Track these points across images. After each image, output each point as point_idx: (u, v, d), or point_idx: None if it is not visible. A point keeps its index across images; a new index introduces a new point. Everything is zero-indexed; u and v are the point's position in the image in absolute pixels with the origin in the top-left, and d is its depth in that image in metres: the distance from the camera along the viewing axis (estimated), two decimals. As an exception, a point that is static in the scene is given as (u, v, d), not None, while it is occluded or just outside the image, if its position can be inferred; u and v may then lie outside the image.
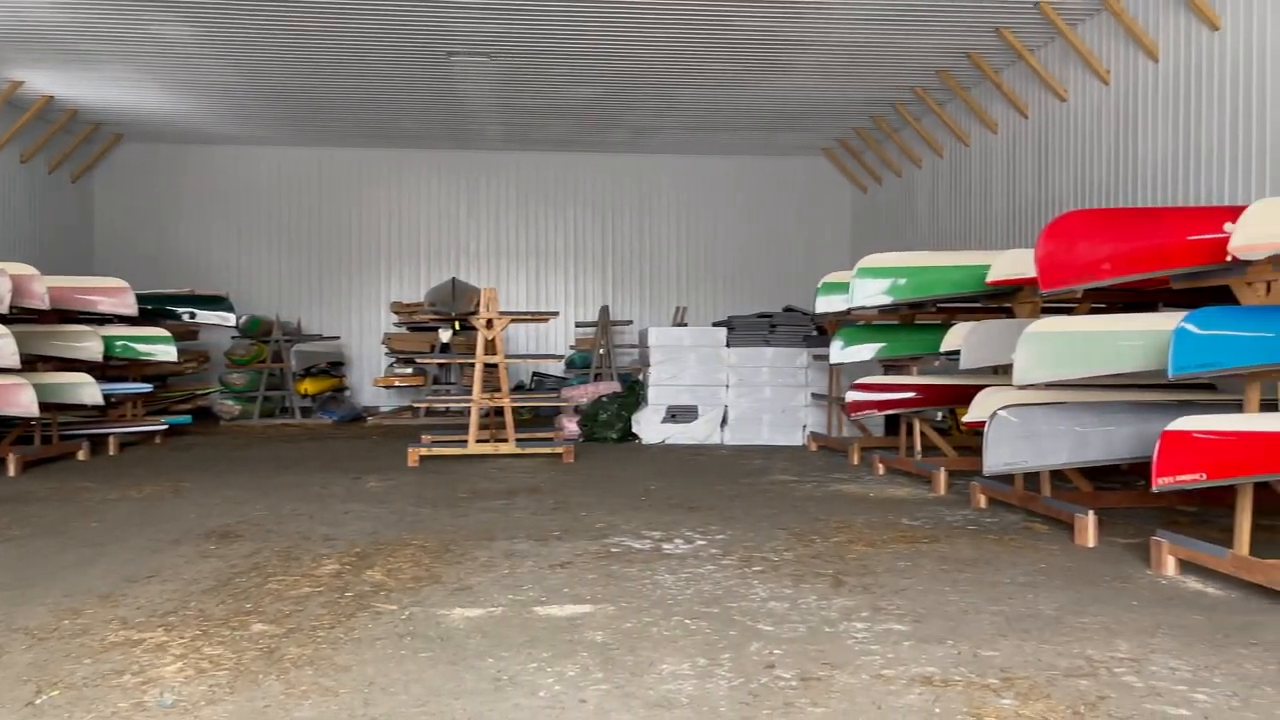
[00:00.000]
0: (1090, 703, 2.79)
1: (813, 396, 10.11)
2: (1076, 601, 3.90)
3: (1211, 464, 3.50)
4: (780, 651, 3.25)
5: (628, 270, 15.28)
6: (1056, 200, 9.86)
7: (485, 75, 11.00)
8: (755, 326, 10.46)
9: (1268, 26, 7.00)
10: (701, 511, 5.99)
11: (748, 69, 10.80)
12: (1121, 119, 8.77)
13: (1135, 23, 8.37)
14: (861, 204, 15.34)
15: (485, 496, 6.54)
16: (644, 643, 3.34)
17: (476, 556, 4.70)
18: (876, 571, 4.41)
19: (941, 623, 3.60)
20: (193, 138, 14.02)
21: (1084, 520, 4.94)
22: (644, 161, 15.16)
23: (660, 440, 10.03)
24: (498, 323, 8.20)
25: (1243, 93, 7.25)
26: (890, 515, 5.87)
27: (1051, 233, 4.21)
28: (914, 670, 3.07)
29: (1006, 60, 10.33)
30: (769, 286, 15.04)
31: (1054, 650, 3.27)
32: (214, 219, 14.62)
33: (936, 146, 12.43)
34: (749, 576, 4.31)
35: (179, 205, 14.55)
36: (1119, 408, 4.68)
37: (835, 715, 2.69)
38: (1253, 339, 3.55)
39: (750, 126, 13.44)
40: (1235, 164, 7.32)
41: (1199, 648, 3.30)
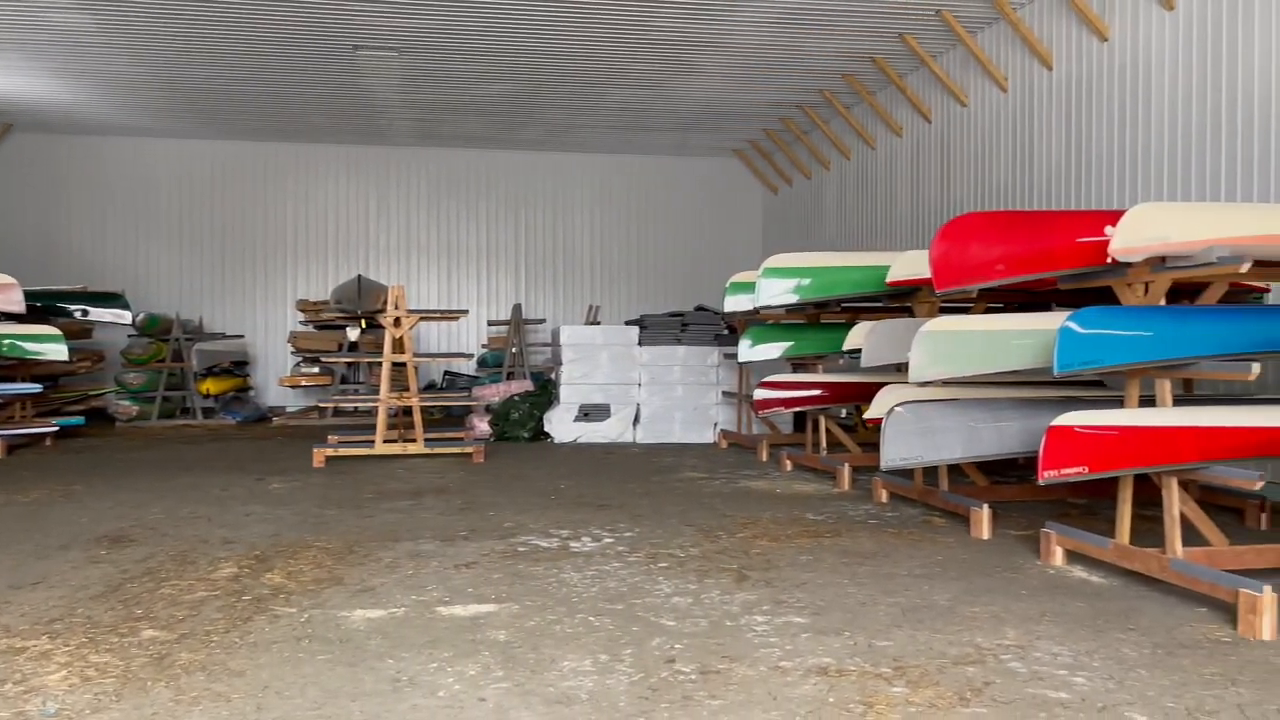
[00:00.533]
0: (976, 689, 2.89)
1: (723, 395, 10.22)
2: (969, 591, 4.03)
3: (1093, 458, 3.65)
4: (681, 646, 3.29)
5: (541, 269, 15.23)
6: (958, 202, 10.15)
7: (393, 70, 10.84)
8: (667, 325, 10.53)
9: (1152, 38, 7.32)
10: (610, 509, 6.01)
11: (661, 70, 10.87)
12: (1019, 125, 9.07)
13: (1031, 32, 8.66)
14: (772, 205, 15.56)
15: (392, 497, 6.46)
16: (546, 640, 3.35)
17: (380, 558, 4.64)
18: (779, 566, 4.49)
19: (840, 614, 3.68)
20: (88, 128, 13.51)
21: (979, 513, 5.10)
22: (559, 160, 15.13)
23: (572, 439, 10.02)
24: (405, 321, 8.09)
25: (1129, 101, 7.57)
26: (795, 511, 5.97)
27: (945, 235, 4.34)
28: (811, 661, 3.14)
29: (910, 66, 10.59)
30: (682, 286, 15.17)
31: (945, 639, 3.38)
32: (110, 213, 14.10)
33: (844, 149, 12.68)
34: (654, 573, 4.35)
35: (72, 198, 13.99)
36: (1009, 404, 4.85)
37: (732, 707, 2.74)
38: (1131, 338, 3.72)
39: (664, 127, 13.52)
40: (1123, 169, 7.64)
41: (1080, 633, 3.44)
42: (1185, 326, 3.77)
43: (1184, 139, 7.01)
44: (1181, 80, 7.04)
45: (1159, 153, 7.25)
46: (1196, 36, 6.91)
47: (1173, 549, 3.84)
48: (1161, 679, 2.98)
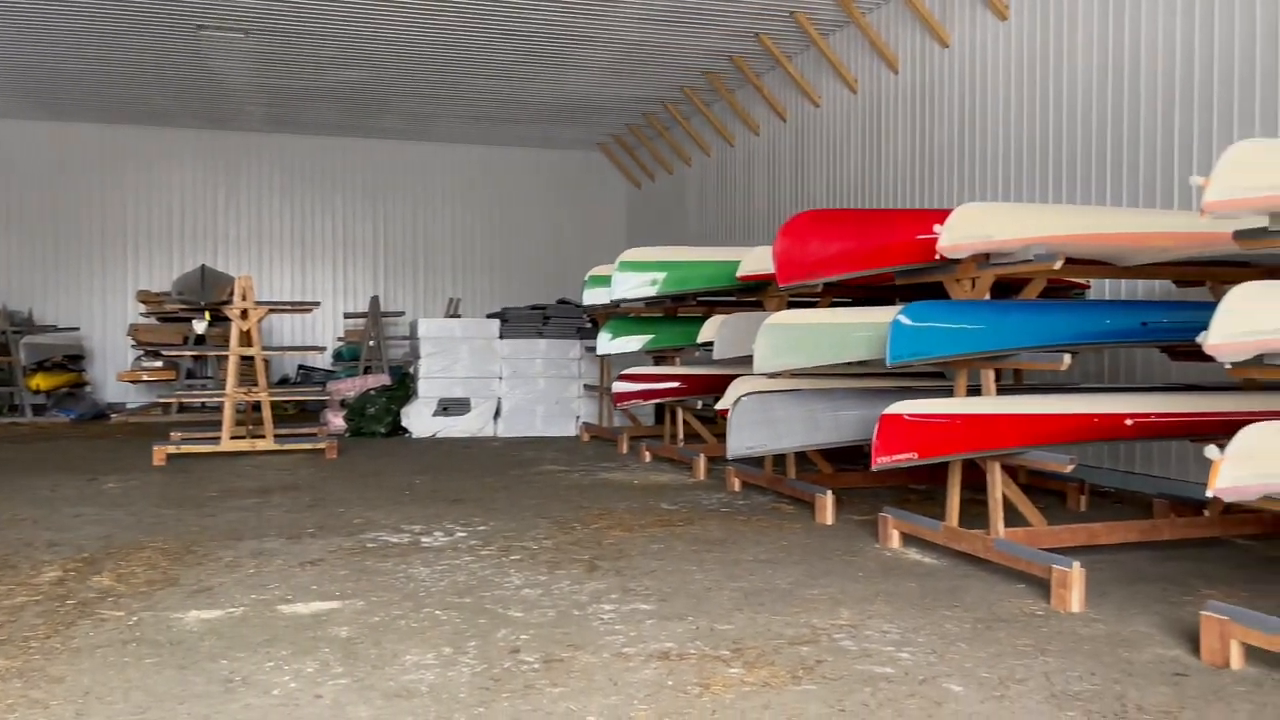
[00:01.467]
0: (809, 667, 3.01)
1: (585, 388, 10.26)
2: (809, 575, 4.17)
3: (922, 444, 3.84)
4: (527, 636, 3.30)
5: (401, 260, 14.95)
6: (812, 199, 10.45)
7: (241, 53, 10.44)
8: (529, 318, 10.49)
9: (988, 46, 7.71)
10: (466, 504, 5.97)
11: (522, 62, 10.82)
12: (868, 125, 9.41)
13: (879, 36, 9.00)
14: (636, 199, 15.69)
15: (237, 495, 6.24)
16: (390, 635, 3.31)
17: (221, 557, 4.48)
18: (631, 555, 4.55)
19: (685, 601, 3.76)
20: (-99, 105, 12.55)
21: (823, 499, 5.29)
22: (419, 150, 14.87)
23: (431, 434, 9.89)
24: (253, 313, 7.82)
25: (968, 105, 7.96)
26: (651, 501, 6.05)
27: (787, 231, 4.48)
28: (653, 647, 3.20)
29: (767, 65, 10.84)
30: (546, 279, 15.14)
31: (783, 621, 3.49)
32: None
33: (705, 145, 12.89)
34: (505, 566, 4.34)
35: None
36: (848, 394, 5.05)
37: (572, 694, 2.77)
38: (957, 330, 3.93)
39: (528, 119, 13.46)
40: (963, 169, 8.03)
41: (909, 612, 3.62)
42: (1007, 320, 4.00)
43: (1016, 142, 7.41)
44: (1015, 86, 7.44)
45: (995, 155, 7.65)
46: (1028, 45, 7.31)
47: (996, 530, 4.07)
48: (979, 651, 3.16)
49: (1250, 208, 2.63)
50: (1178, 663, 3.06)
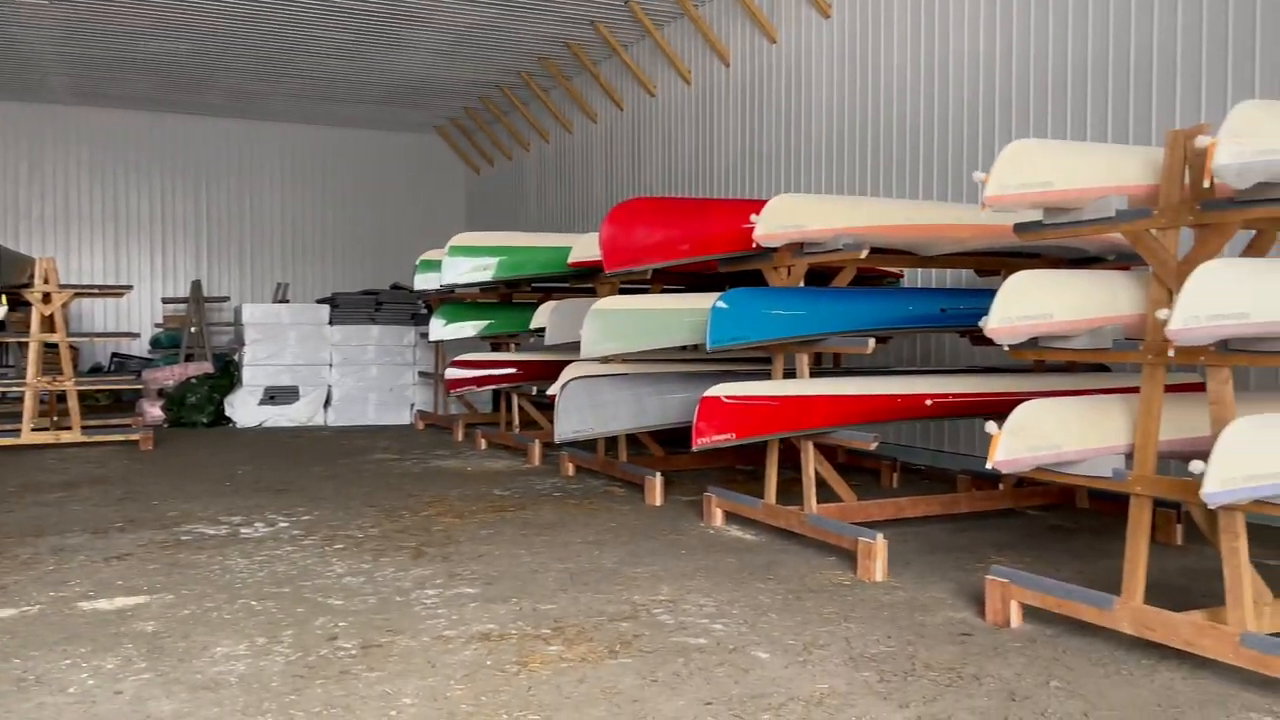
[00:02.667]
0: (626, 641, 3.09)
1: (420, 375, 10.11)
2: (634, 554, 4.28)
3: (739, 425, 3.99)
4: (346, 624, 3.26)
5: (225, 243, 14.30)
6: (648, 187, 10.61)
7: (44, 19, 9.75)
8: (361, 304, 10.25)
9: (813, 43, 8.01)
10: (290, 494, 5.81)
11: (357, 41, 10.52)
12: (701, 116, 9.62)
13: (711, 30, 9.21)
14: (475, 185, 15.53)
15: (39, 490, 5.87)
16: (200, 628, 3.21)
17: (17, 554, 4.22)
18: (459, 541, 4.54)
19: (510, 583, 3.79)
20: None
21: (652, 482, 5.42)
22: (245, 128, 14.25)
23: (257, 423, 9.54)
24: (57, 297, 7.35)
25: (795, 99, 8.25)
26: (484, 487, 6.04)
27: (612, 219, 4.56)
28: (475, 629, 3.22)
29: (604, 54, 10.92)
30: (381, 264, 14.80)
31: (605, 599, 3.57)
32: None
33: (543, 131, 12.88)
34: (328, 555, 4.26)
35: None
36: (674, 378, 5.18)
37: (389, 678, 2.76)
38: (773, 316, 4.10)
39: (360, 99, 13.10)
40: (790, 161, 8.32)
41: (726, 586, 3.76)
42: (819, 306, 4.20)
43: (838, 136, 7.74)
44: (837, 82, 7.76)
45: (818, 147, 7.97)
46: (848, 44, 7.64)
47: (809, 506, 4.28)
48: (787, 620, 3.33)
49: (1025, 203, 2.86)
50: (965, 624, 3.30)
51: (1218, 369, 2.64)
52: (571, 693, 2.66)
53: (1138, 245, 2.82)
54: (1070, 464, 2.95)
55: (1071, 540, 4.54)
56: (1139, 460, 2.85)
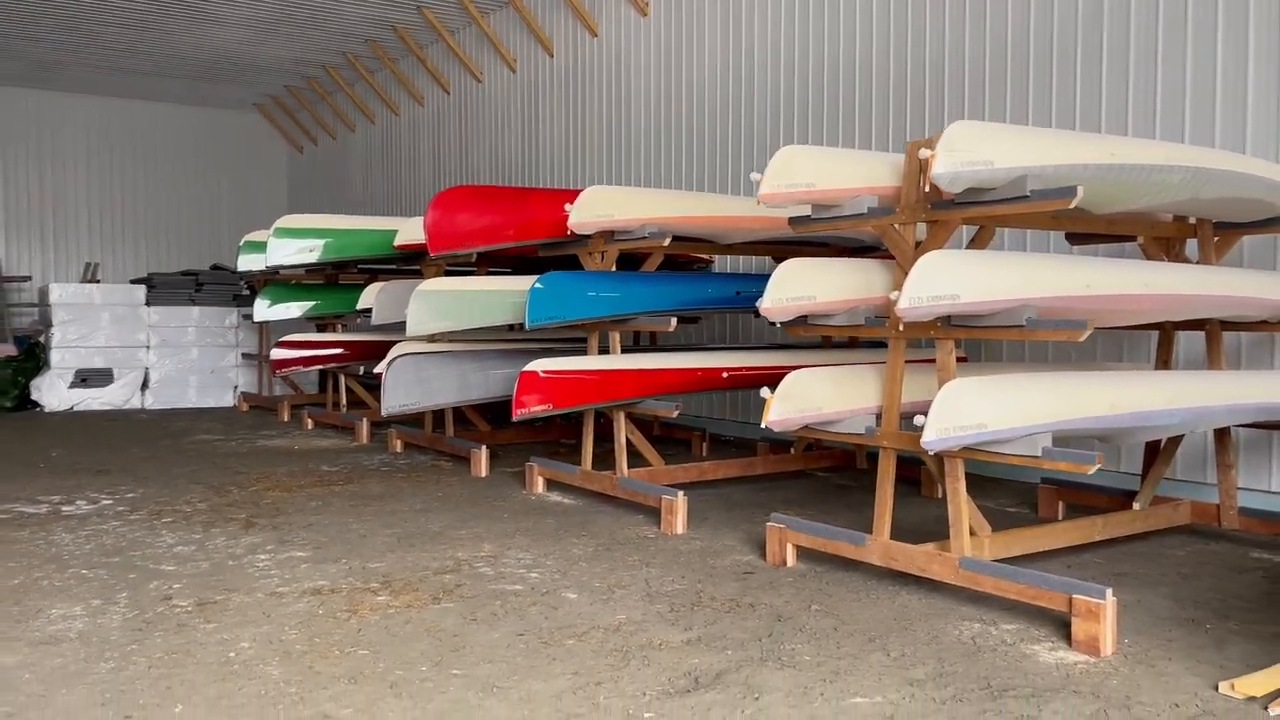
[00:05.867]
0: (449, 590, 3.42)
1: (244, 356, 10.01)
2: (460, 519, 4.59)
3: (556, 396, 4.36)
4: (180, 585, 3.45)
5: (26, 220, 13.55)
6: (475, 172, 10.82)
7: None
8: (180, 285, 10.05)
9: (633, 38, 8.43)
10: (111, 474, 5.80)
11: (168, 12, 10.22)
12: (527, 105, 9.90)
13: (535, 19, 9.49)
14: (298, 165, 15.26)
15: None
16: (32, 595, 3.33)
17: None
18: (289, 513, 4.73)
19: (340, 547, 4.04)
20: None
21: (478, 454, 5.73)
22: (46, 98, 13.53)
23: (68, 407, 9.24)
24: None
25: (617, 92, 8.65)
26: (311, 464, 6.20)
27: (436, 205, 4.84)
28: (307, 585, 3.47)
29: (430, 38, 11.02)
30: (199, 244, 14.39)
31: (430, 557, 3.88)
32: None
33: (369, 113, 12.84)
34: (158, 528, 4.38)
35: None
36: (496, 355, 5.51)
37: (226, 628, 2.99)
38: (587, 297, 4.48)
39: (171, 73, 12.66)
40: (612, 152, 8.73)
41: (544, 542, 4.13)
42: (627, 288, 4.62)
43: (657, 128, 8.20)
44: (655, 78, 8.21)
45: (638, 139, 8.40)
46: (665, 41, 8.10)
47: (620, 470, 4.70)
48: (596, 567, 3.73)
49: (792, 200, 3.34)
50: (749, 565, 3.80)
51: (943, 341, 3.20)
52: (398, 632, 2.98)
53: (884, 238, 3.35)
54: (832, 423, 3.46)
55: (849, 496, 5.15)
56: (885, 419, 3.39)
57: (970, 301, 2.91)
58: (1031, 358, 5.37)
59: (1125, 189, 3.14)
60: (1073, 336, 2.83)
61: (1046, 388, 3.04)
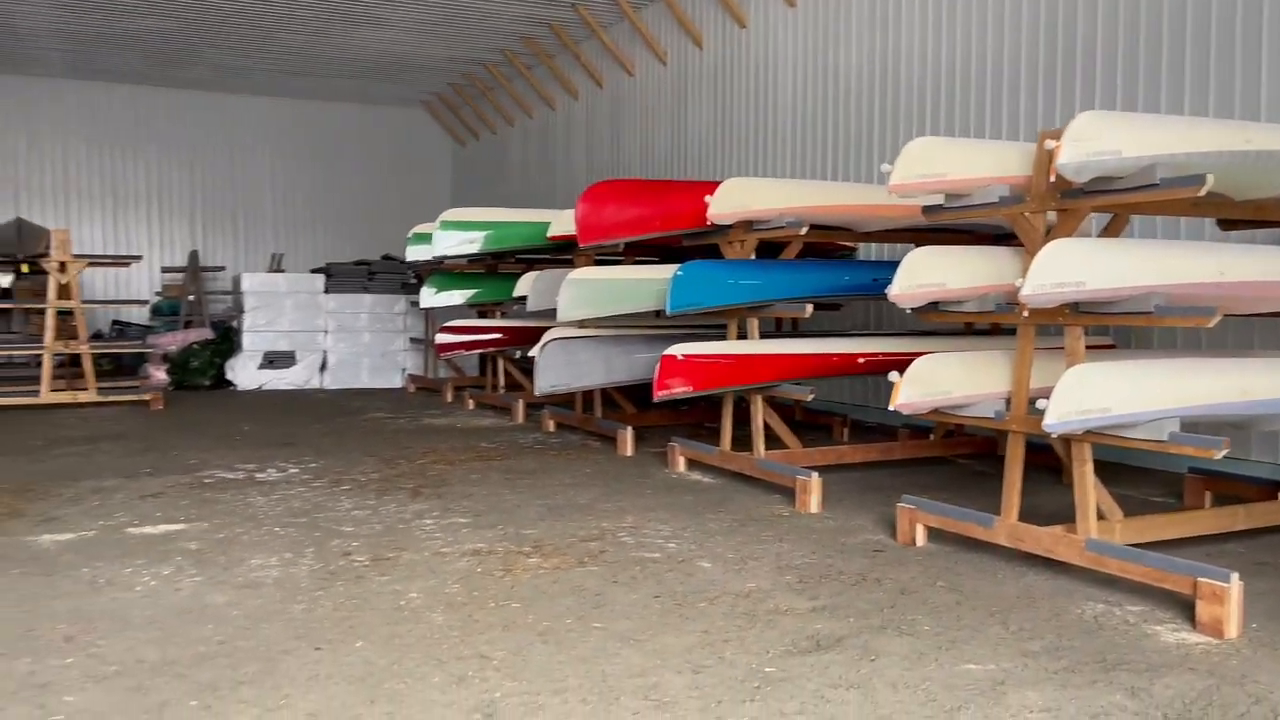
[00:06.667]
0: (593, 555, 3.71)
1: (411, 341, 10.68)
2: (605, 494, 4.89)
3: (694, 379, 4.59)
4: (358, 544, 3.87)
5: (219, 214, 14.76)
6: (625, 165, 11.15)
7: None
8: (354, 274, 10.79)
9: (779, 29, 8.55)
10: (296, 446, 6.39)
11: (337, 17, 10.95)
12: (676, 97, 10.15)
13: (685, 14, 9.72)
14: (461, 158, 16.00)
15: (66, 443, 6.44)
16: (235, 547, 3.80)
17: (61, 494, 4.80)
18: (451, 483, 5.14)
19: (497, 515, 4.40)
20: None
21: (624, 434, 6.03)
22: (233, 101, 14.67)
23: (257, 386, 10.10)
24: (72, 266, 7.87)
25: (763, 84, 8.79)
26: (471, 441, 6.64)
27: (586, 198, 5.13)
28: (467, 547, 3.83)
29: (584, 34, 11.40)
30: (371, 235, 15.26)
31: (577, 526, 4.19)
32: None
33: (527, 107, 13.36)
34: (337, 494, 4.86)
35: None
36: (640, 339, 5.77)
37: (398, 580, 3.37)
38: (725, 284, 4.69)
39: (348, 74, 13.53)
40: (758, 143, 8.87)
41: (683, 517, 4.38)
42: (765, 276, 4.79)
43: (802, 119, 8.30)
44: (802, 68, 8.30)
45: (784, 130, 8.52)
46: (811, 30, 8.18)
47: (758, 451, 4.89)
48: (730, 540, 3.95)
49: (923, 190, 3.45)
50: (879, 544, 3.93)
51: (1072, 327, 3.26)
52: (547, 589, 3.28)
53: (1014, 226, 3.42)
54: (960, 407, 3.56)
55: (987, 482, 5.18)
56: (1015, 403, 3.47)
57: (1096, 288, 2.97)
58: (1184, 344, 5.25)
59: (1264, 175, 3.12)
60: (1201, 322, 2.86)
61: (1174, 373, 3.07)
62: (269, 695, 2.41)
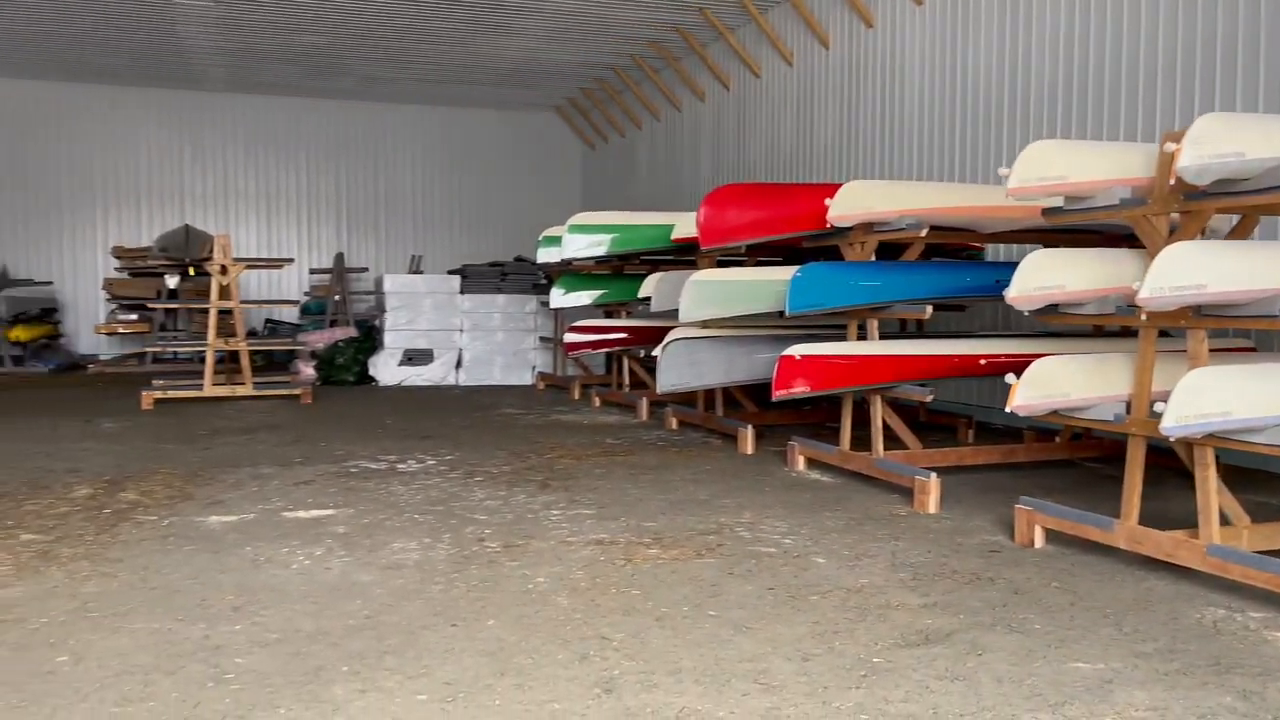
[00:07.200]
0: (711, 548, 3.86)
1: (540, 340, 11.04)
2: (725, 490, 5.02)
3: (812, 379, 4.67)
4: (490, 531, 4.12)
5: (363, 218, 15.52)
6: (751, 166, 11.24)
7: (207, 19, 10.93)
8: (487, 275, 11.22)
9: (907, 28, 8.50)
10: (434, 439, 6.74)
11: (475, 27, 11.39)
12: (802, 98, 10.18)
13: (812, 15, 9.74)
14: (591, 161, 16.36)
15: (226, 433, 6.96)
16: (379, 532, 4.11)
17: (224, 479, 5.23)
18: (577, 477, 5.37)
19: (619, 508, 4.59)
20: None
21: (744, 433, 6.15)
22: (377, 110, 15.39)
23: (397, 382, 10.62)
24: (232, 269, 8.48)
25: (890, 83, 8.75)
26: (597, 437, 6.88)
27: (708, 202, 5.27)
28: (591, 537, 4.03)
29: (711, 37, 11.54)
30: (504, 237, 15.78)
31: (697, 520, 4.34)
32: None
33: (654, 110, 13.58)
34: (471, 485, 5.14)
35: None
36: (761, 340, 5.87)
37: (526, 565, 3.59)
38: (843, 286, 4.75)
39: (483, 81, 14.02)
40: (884, 144, 8.84)
41: (800, 514, 4.48)
42: (886, 278, 4.84)
43: (930, 120, 8.23)
44: (929, 68, 8.24)
45: (911, 131, 8.47)
46: (939, 29, 8.11)
47: (876, 451, 4.94)
48: (846, 538, 4.03)
49: (1041, 193, 3.46)
50: (996, 545, 3.95)
51: (1194, 330, 3.22)
52: (665, 579, 3.44)
53: (1136, 228, 3.40)
54: (1079, 409, 3.56)
55: (1114, 486, 5.05)
56: (1135, 406, 3.45)
57: (1217, 291, 2.94)
58: (1330, 348, 5.04)
59: (1404, 174, 3.02)
60: (1329, 327, 2.80)
61: (1303, 378, 3.01)
62: (410, 664, 2.65)
